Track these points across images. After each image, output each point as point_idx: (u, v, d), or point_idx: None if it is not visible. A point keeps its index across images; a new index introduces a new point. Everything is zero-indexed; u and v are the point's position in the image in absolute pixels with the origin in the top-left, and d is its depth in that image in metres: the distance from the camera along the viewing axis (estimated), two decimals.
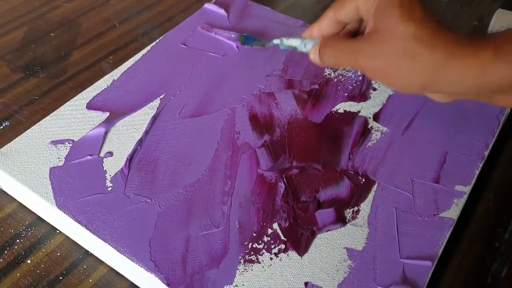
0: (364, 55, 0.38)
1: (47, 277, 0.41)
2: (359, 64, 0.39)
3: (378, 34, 0.37)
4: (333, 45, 0.40)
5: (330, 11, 0.42)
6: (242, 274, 0.39)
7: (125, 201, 0.42)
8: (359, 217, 0.43)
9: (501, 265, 0.44)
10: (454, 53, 0.35)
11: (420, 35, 0.35)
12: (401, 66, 0.36)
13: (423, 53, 0.35)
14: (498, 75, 0.34)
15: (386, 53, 0.37)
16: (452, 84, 0.36)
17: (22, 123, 0.51)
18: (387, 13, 0.37)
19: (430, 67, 0.35)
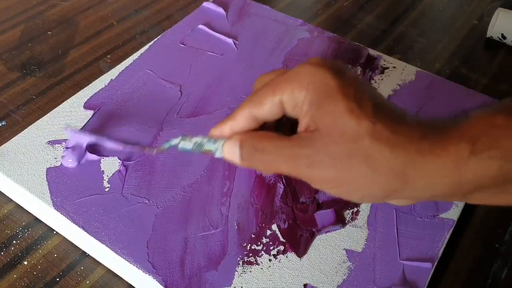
0: (307, 161, 0.30)
1: (44, 279, 0.40)
2: (301, 172, 0.31)
3: (321, 134, 0.30)
4: (262, 147, 0.32)
5: (246, 108, 0.32)
6: (241, 276, 0.39)
7: (122, 202, 0.42)
8: (359, 218, 0.43)
9: (501, 266, 0.44)
10: (421, 151, 0.29)
11: (376, 132, 0.29)
12: (358, 173, 0.29)
13: (384, 155, 0.29)
14: (477, 173, 0.28)
15: (336, 157, 0.29)
16: (421, 188, 0.30)
17: (19, 123, 0.51)
18: (328, 107, 0.30)
19: (394, 172, 0.29)
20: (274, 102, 0.31)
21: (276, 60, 0.56)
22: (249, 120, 0.33)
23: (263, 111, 0.32)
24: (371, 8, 0.71)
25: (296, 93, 0.31)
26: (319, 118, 0.30)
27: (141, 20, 0.64)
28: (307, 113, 0.30)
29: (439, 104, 0.53)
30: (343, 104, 0.29)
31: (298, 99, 0.31)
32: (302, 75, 0.31)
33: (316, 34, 0.60)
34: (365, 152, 0.29)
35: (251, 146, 0.32)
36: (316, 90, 0.30)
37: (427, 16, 0.71)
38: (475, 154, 0.28)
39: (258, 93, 0.32)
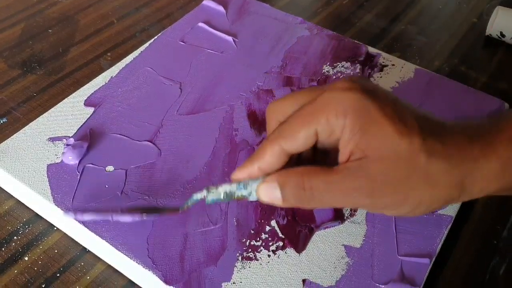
0: (365, 192, 0.29)
1: (44, 274, 0.40)
2: (360, 203, 0.30)
3: (373, 161, 0.29)
4: (311, 185, 0.30)
5: (275, 144, 0.31)
6: (240, 271, 0.39)
7: (123, 198, 0.42)
8: (357, 214, 0.43)
9: (499, 262, 0.44)
10: (474, 157, 0.29)
11: (429, 147, 0.28)
12: (418, 192, 0.29)
13: (440, 168, 0.28)
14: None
15: (395, 182, 0.29)
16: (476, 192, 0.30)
17: (19, 120, 0.51)
18: (374, 133, 0.29)
19: (452, 183, 0.29)
20: (309, 133, 0.30)
21: (275, 58, 0.57)
22: (279, 156, 0.31)
23: (297, 144, 0.31)
24: (370, 6, 0.71)
25: (332, 121, 0.29)
26: (367, 145, 0.29)
27: (141, 18, 0.65)
28: (350, 141, 0.29)
29: (438, 102, 0.53)
30: (389, 126, 0.28)
31: (336, 127, 0.30)
32: (337, 101, 0.29)
33: (315, 32, 0.60)
34: (423, 170, 0.28)
35: (296, 186, 0.30)
36: (356, 116, 0.29)
37: (426, 14, 0.71)
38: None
39: (290, 127, 0.31)
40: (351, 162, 0.30)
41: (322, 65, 0.56)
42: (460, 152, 0.29)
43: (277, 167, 0.32)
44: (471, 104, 0.53)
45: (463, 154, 0.29)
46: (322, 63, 0.56)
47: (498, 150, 0.29)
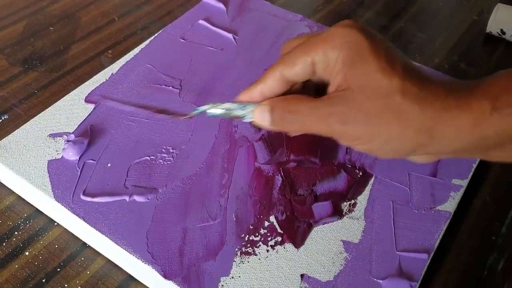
0: (339, 119, 0.31)
1: (45, 269, 0.41)
2: (334, 129, 0.32)
3: (353, 92, 0.31)
4: (295, 109, 0.33)
5: (277, 69, 0.33)
6: (239, 266, 0.39)
7: (122, 194, 0.43)
8: (356, 210, 0.44)
9: (497, 258, 0.44)
10: (448, 106, 0.30)
11: (406, 88, 0.30)
12: (388, 128, 0.31)
13: (413, 110, 0.30)
14: (498, 128, 0.29)
15: (368, 113, 0.31)
16: (446, 143, 0.31)
17: (20, 117, 0.51)
18: (360, 67, 0.31)
19: (421, 127, 0.30)
20: (306, 62, 0.32)
21: (275, 54, 0.57)
22: (279, 81, 0.33)
23: (295, 71, 0.33)
24: (370, 3, 0.71)
25: (329, 53, 0.31)
26: (352, 77, 0.31)
27: (142, 16, 0.65)
28: (339, 73, 0.31)
29: None
30: (375, 63, 0.30)
31: (331, 60, 0.32)
32: (336, 36, 0.31)
33: (315, 29, 0.61)
34: (396, 107, 0.30)
35: (283, 109, 0.33)
36: (349, 50, 0.31)
37: (426, 12, 0.71)
38: (496, 110, 0.29)
39: (290, 54, 0.33)
40: (335, 92, 0.32)
41: None
42: (435, 99, 0.30)
43: (277, 92, 0.34)
44: None
45: (437, 102, 0.30)
46: None
47: (472, 104, 0.29)
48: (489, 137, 0.30)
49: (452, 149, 0.31)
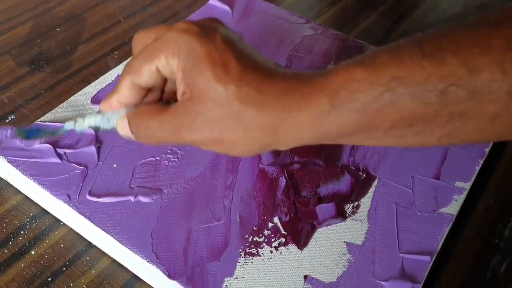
0: (188, 130, 0.32)
1: (50, 268, 0.41)
2: (185, 139, 0.32)
3: (196, 101, 0.31)
4: (147, 124, 0.33)
5: (126, 77, 0.33)
6: (242, 266, 0.40)
7: (128, 194, 0.43)
8: (359, 212, 0.44)
9: (500, 261, 0.45)
10: (286, 107, 0.30)
11: (243, 94, 0.30)
12: (233, 133, 0.31)
13: (252, 115, 0.30)
14: (338, 123, 0.30)
15: (211, 122, 0.31)
16: (291, 140, 0.32)
17: (27, 117, 0.52)
18: (198, 75, 0.31)
19: (264, 129, 0.31)
20: (151, 70, 0.32)
21: (280, 57, 0.57)
22: (132, 89, 0.33)
23: (143, 79, 0.33)
24: (375, 6, 0.72)
25: (170, 60, 0.31)
26: (192, 87, 0.31)
27: (148, 17, 0.65)
28: (182, 81, 0.31)
29: None
30: (210, 72, 0.30)
31: (173, 67, 0.32)
32: (172, 43, 0.31)
33: (320, 31, 0.61)
34: (235, 115, 0.30)
35: (137, 125, 0.33)
36: (186, 58, 0.31)
37: (430, 15, 0.71)
38: (334, 108, 0.29)
39: (135, 62, 0.33)
40: (180, 102, 0.32)
41: (326, 65, 0.57)
42: (274, 102, 0.30)
43: (134, 99, 0.34)
44: None
45: (276, 103, 0.30)
46: (326, 62, 0.57)
47: (311, 103, 0.29)
48: (331, 132, 0.30)
49: (300, 143, 0.32)
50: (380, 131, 0.30)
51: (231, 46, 0.31)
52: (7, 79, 0.56)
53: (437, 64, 0.27)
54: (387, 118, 0.29)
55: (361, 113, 0.29)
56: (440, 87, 0.27)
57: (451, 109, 0.28)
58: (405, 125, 0.29)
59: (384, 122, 0.29)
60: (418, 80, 0.28)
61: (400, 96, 0.28)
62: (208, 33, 0.31)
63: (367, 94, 0.28)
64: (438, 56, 0.28)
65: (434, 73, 0.27)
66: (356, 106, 0.29)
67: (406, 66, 0.28)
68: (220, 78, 0.30)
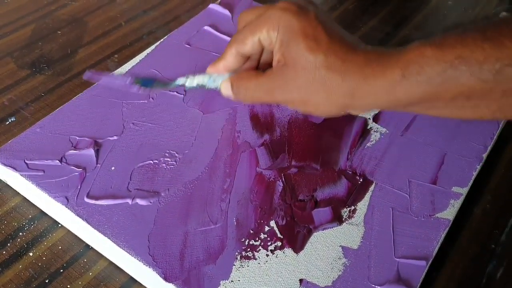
0: (280, 91, 0.38)
1: (48, 270, 0.41)
2: (277, 99, 0.40)
3: (288, 67, 0.37)
4: (246, 85, 0.40)
5: (232, 47, 0.41)
6: (238, 270, 0.40)
7: (125, 197, 0.43)
8: (356, 216, 0.44)
9: (496, 266, 0.45)
10: (365, 76, 0.35)
11: (330, 63, 0.36)
12: (318, 95, 0.37)
13: (336, 80, 0.36)
14: (408, 92, 0.35)
15: (300, 85, 0.37)
16: (366, 104, 0.37)
17: (27, 119, 0.52)
18: (293, 46, 0.37)
19: (344, 93, 0.36)
20: (254, 41, 0.39)
21: None
22: (236, 57, 0.41)
23: (246, 48, 0.40)
24: (375, 11, 0.72)
25: (270, 33, 0.38)
26: (287, 55, 0.37)
27: (149, 21, 0.66)
28: (278, 51, 0.38)
29: None
30: (304, 43, 0.36)
31: (272, 38, 0.38)
32: (273, 18, 0.38)
33: None
34: (321, 80, 0.36)
35: (238, 86, 0.41)
36: (284, 32, 0.37)
37: (431, 20, 0.71)
38: (405, 78, 0.34)
39: (241, 33, 0.40)
40: (275, 69, 0.39)
41: None
42: (355, 70, 0.36)
43: (236, 65, 0.41)
44: None
45: (357, 72, 0.36)
46: None
47: (386, 73, 0.35)
48: (401, 99, 0.35)
49: (374, 107, 0.38)
50: (442, 102, 0.34)
51: (322, 23, 0.37)
52: (8, 82, 0.56)
53: (496, 46, 0.32)
54: (449, 91, 0.33)
55: (427, 85, 0.34)
56: (497, 66, 0.32)
57: (505, 86, 0.32)
58: (463, 98, 0.34)
59: (446, 94, 0.34)
60: (478, 60, 0.32)
61: (461, 72, 0.32)
62: (304, 12, 0.38)
63: (433, 69, 0.33)
64: (497, 40, 0.32)
65: (492, 54, 0.32)
66: (423, 78, 0.33)
67: (469, 47, 0.32)
68: (311, 48, 0.36)
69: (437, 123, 0.52)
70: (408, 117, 0.52)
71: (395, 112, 0.52)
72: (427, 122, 0.52)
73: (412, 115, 0.52)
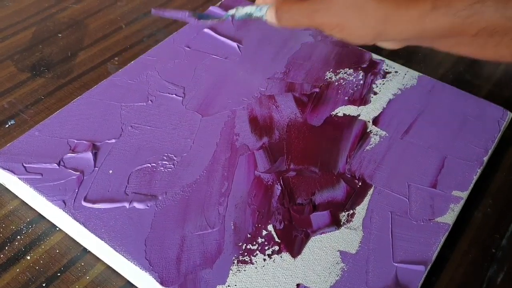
0: (320, 14, 0.41)
1: (45, 273, 0.41)
2: (316, 22, 0.42)
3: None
4: (289, 8, 0.43)
5: None
6: (235, 274, 0.40)
7: (123, 200, 0.43)
8: (354, 220, 0.44)
9: (497, 271, 0.44)
10: (398, 4, 0.38)
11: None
12: (354, 20, 0.39)
13: (371, 6, 0.38)
14: (436, 23, 0.37)
15: (339, 9, 0.40)
16: (397, 32, 0.39)
17: (27, 122, 0.52)
18: None
19: (378, 19, 0.38)
20: None
21: (278, 64, 0.57)
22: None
23: None
24: None
25: None
26: None
27: (149, 24, 0.66)
28: None
29: (440, 109, 0.53)
30: None
31: None
32: None
33: (319, 38, 0.61)
34: (359, 5, 0.39)
35: (282, 10, 0.43)
36: None
37: None
38: (435, 9, 0.36)
39: None
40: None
41: (325, 72, 0.57)
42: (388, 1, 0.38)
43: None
44: (473, 112, 0.53)
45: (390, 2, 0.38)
46: (325, 69, 0.57)
47: (418, 3, 0.37)
48: (429, 30, 0.37)
49: (405, 37, 0.39)
50: (466, 37, 0.36)
51: None
52: (8, 85, 0.56)
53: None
54: (474, 26, 0.35)
55: (454, 17, 0.36)
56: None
57: None
58: (486, 35, 0.36)
59: (471, 28, 0.35)
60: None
61: (487, 8, 0.34)
62: None
63: (462, 2, 0.35)
64: None
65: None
66: (451, 10, 0.35)
67: None
68: None
69: (437, 126, 0.51)
70: (408, 120, 0.52)
71: (395, 115, 0.52)
72: (427, 125, 0.51)
73: (412, 119, 0.52)
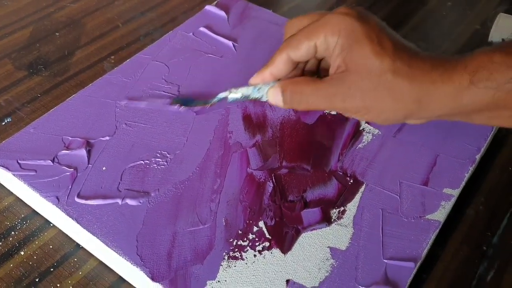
0: (340, 97, 0.37)
1: (38, 269, 0.42)
2: (336, 106, 0.38)
3: (351, 73, 0.36)
4: (302, 90, 0.39)
5: (284, 52, 0.39)
6: (225, 270, 0.40)
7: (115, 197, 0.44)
8: (345, 217, 0.44)
9: (487, 268, 0.44)
10: (433, 81, 0.35)
11: (396, 68, 0.35)
12: (383, 102, 0.36)
13: (403, 86, 0.35)
14: (475, 98, 0.34)
15: (364, 91, 0.36)
16: (432, 110, 0.36)
17: (23, 120, 0.53)
18: (356, 50, 0.36)
19: (411, 99, 0.35)
20: (310, 46, 0.38)
21: None
22: (286, 63, 0.40)
23: (300, 54, 0.39)
24: (373, 12, 0.70)
25: (329, 38, 0.37)
26: (349, 60, 0.36)
27: (146, 22, 0.66)
28: (338, 56, 0.37)
29: None
30: (368, 47, 0.35)
31: (330, 44, 0.37)
32: (334, 23, 0.37)
33: None
34: (387, 85, 0.35)
35: (292, 91, 0.39)
36: (346, 36, 0.36)
37: (428, 21, 0.71)
38: (473, 84, 0.34)
39: (295, 38, 0.39)
40: (335, 74, 0.37)
41: None
42: (422, 75, 0.35)
43: (284, 72, 0.40)
44: None
45: (424, 77, 0.35)
46: None
47: (453, 78, 0.34)
48: (468, 105, 0.35)
49: (438, 114, 0.37)
50: (509, 110, 0.34)
51: (384, 29, 0.37)
52: (5, 83, 0.57)
53: None
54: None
55: (496, 91, 0.33)
56: None
57: None
58: None
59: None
60: None
61: None
62: (365, 17, 0.37)
63: (503, 75, 0.33)
64: None
65: None
66: (492, 84, 0.33)
67: None
68: (378, 52, 0.35)
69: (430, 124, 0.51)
70: None
71: None
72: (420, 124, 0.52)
73: None
